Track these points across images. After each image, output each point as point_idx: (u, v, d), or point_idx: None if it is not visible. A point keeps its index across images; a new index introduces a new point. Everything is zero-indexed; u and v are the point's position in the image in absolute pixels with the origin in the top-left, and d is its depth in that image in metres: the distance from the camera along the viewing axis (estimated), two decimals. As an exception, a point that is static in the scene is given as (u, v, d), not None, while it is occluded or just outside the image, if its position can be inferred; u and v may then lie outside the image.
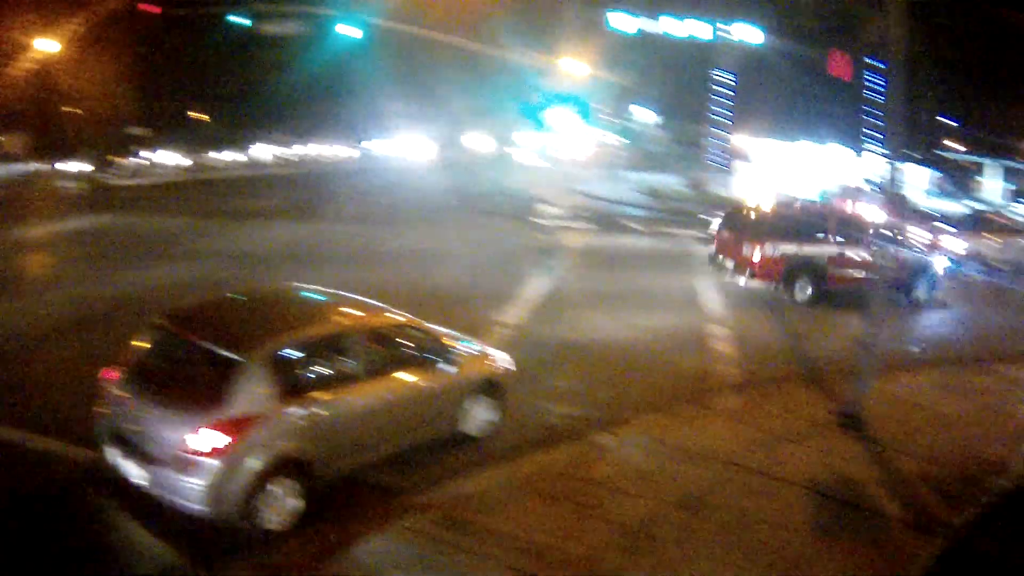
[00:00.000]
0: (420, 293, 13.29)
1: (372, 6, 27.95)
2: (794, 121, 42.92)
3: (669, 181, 41.31)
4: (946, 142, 60.06)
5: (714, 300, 16.16)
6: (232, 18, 30.11)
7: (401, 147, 49.05)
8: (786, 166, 38.07)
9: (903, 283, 16.89)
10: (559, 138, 41.17)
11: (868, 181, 32.50)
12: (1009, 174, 60.13)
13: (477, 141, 51.67)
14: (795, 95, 42.97)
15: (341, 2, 28.51)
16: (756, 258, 16.50)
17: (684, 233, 25.29)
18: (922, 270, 17.74)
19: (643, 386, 10.55)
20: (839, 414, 9.62)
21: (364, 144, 50.97)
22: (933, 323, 17.08)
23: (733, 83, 41.77)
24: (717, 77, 41.71)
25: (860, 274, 16.26)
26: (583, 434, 8.60)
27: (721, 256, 17.65)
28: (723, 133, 43.20)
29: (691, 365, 11.65)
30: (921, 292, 17.65)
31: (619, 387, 10.47)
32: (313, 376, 6.69)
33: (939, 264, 18.71)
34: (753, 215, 17.83)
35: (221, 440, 5.92)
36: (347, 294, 8.15)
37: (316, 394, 6.56)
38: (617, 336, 12.85)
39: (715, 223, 19.82)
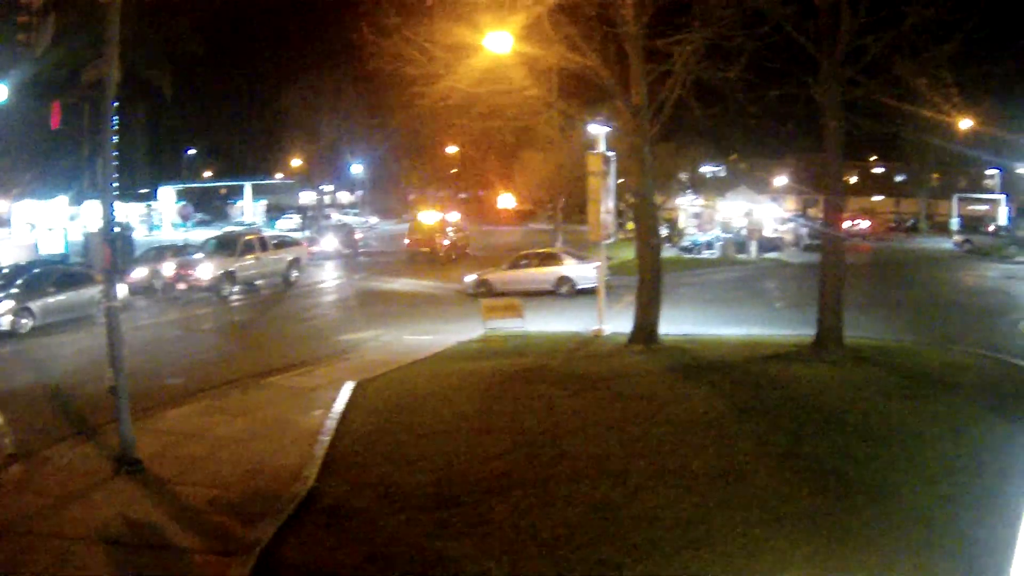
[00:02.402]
0: None
1: None
2: (38, 175, 41.34)
3: None
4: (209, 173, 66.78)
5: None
6: None
7: None
8: (42, 222, 39.07)
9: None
10: None
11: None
12: (257, 191, 66.14)
13: None
14: (37, 148, 41.10)
15: None
16: (445, 242, 39.95)
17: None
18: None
19: None
20: (114, 461, 9.54)
21: None
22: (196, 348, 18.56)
23: None
24: None
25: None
26: None
27: (418, 248, 39.43)
28: None
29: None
30: None
31: None
32: None
33: None
34: (424, 225, 41.11)
35: None
36: None
37: None
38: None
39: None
